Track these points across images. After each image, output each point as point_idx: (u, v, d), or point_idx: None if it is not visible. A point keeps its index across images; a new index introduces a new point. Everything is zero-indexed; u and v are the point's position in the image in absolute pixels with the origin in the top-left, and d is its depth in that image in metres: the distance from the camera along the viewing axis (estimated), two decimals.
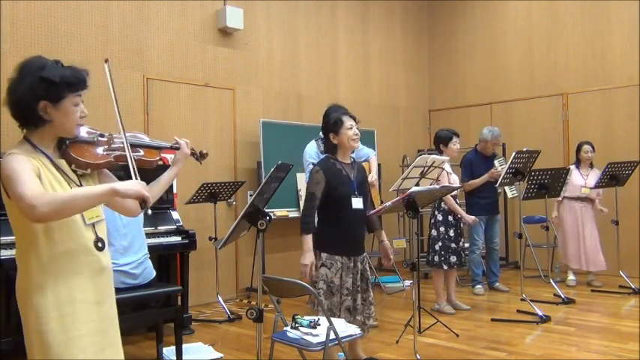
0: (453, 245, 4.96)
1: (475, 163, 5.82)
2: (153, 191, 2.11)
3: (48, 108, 1.81)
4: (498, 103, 7.88)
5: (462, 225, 5.06)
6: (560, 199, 6.14)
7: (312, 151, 4.79)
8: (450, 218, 5.00)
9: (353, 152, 3.48)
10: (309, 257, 3.19)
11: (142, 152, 2.09)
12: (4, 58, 4.43)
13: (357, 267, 3.30)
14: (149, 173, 2.12)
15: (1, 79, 4.52)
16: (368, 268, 3.43)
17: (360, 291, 3.30)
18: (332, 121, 3.31)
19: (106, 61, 1.99)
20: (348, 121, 3.30)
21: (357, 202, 3.28)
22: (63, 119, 1.84)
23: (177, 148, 2.18)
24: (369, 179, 4.72)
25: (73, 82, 1.83)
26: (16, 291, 1.85)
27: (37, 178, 1.75)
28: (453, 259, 4.95)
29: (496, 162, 5.86)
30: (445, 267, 4.99)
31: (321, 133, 3.59)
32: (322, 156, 3.57)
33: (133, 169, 1.91)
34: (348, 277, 3.26)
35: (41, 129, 1.85)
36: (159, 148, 2.16)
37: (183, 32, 5.72)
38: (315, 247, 3.29)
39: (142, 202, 1.83)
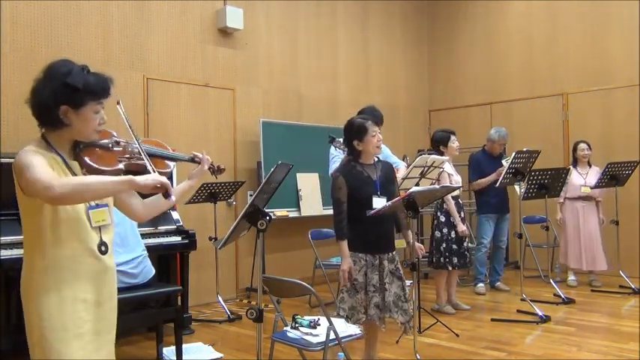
0: (455, 247, 4.96)
1: (484, 163, 5.88)
2: (164, 201, 2.12)
3: (68, 113, 1.84)
4: (498, 103, 7.88)
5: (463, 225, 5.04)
6: (561, 200, 6.15)
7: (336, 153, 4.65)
8: (452, 220, 5.00)
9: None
10: (346, 262, 3.24)
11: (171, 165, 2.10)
12: (4, 58, 4.44)
13: (384, 265, 3.31)
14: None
15: (0, 79, 4.54)
16: (400, 267, 3.43)
17: (387, 289, 3.29)
18: (356, 128, 3.34)
19: (118, 102, 2.02)
20: (372, 128, 3.33)
21: (378, 202, 3.30)
22: (82, 125, 1.87)
23: (198, 162, 2.18)
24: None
25: (96, 90, 1.86)
26: (21, 286, 1.87)
27: (50, 169, 1.78)
28: (455, 260, 4.96)
29: (504, 161, 5.89)
30: (449, 268, 4.99)
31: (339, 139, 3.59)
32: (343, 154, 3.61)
33: (151, 166, 1.92)
34: (373, 274, 3.28)
35: (59, 131, 1.87)
36: (175, 160, 2.16)
37: (183, 32, 5.72)
38: None
39: (165, 191, 1.85)
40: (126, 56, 5.27)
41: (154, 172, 1.89)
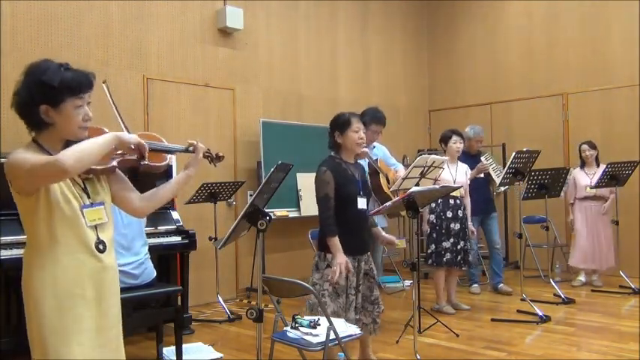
0: (439, 245, 4.97)
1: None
2: (163, 193, 2.13)
3: (49, 112, 1.82)
4: (498, 103, 7.88)
5: (452, 225, 5.02)
6: (571, 201, 6.15)
7: None
8: (433, 218, 5.02)
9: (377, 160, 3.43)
10: (342, 256, 3.14)
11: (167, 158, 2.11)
12: (4, 58, 4.43)
13: (361, 266, 3.30)
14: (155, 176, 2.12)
15: (0, 79, 4.55)
16: (374, 267, 3.43)
17: (360, 290, 3.30)
18: (340, 121, 3.31)
19: (104, 82, 2.06)
20: (355, 124, 3.29)
21: (362, 202, 3.29)
22: (64, 122, 1.84)
23: (192, 152, 2.15)
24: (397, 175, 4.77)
25: (73, 85, 1.83)
26: (22, 284, 1.88)
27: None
28: (435, 257, 4.99)
29: (482, 158, 5.87)
30: (428, 264, 5.06)
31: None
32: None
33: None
34: (354, 276, 3.26)
35: (46, 132, 1.86)
36: (171, 152, 2.13)
37: (183, 32, 5.72)
38: (320, 248, 3.29)
39: (140, 155, 1.93)
40: (126, 56, 5.27)
41: (146, 159, 1.97)
